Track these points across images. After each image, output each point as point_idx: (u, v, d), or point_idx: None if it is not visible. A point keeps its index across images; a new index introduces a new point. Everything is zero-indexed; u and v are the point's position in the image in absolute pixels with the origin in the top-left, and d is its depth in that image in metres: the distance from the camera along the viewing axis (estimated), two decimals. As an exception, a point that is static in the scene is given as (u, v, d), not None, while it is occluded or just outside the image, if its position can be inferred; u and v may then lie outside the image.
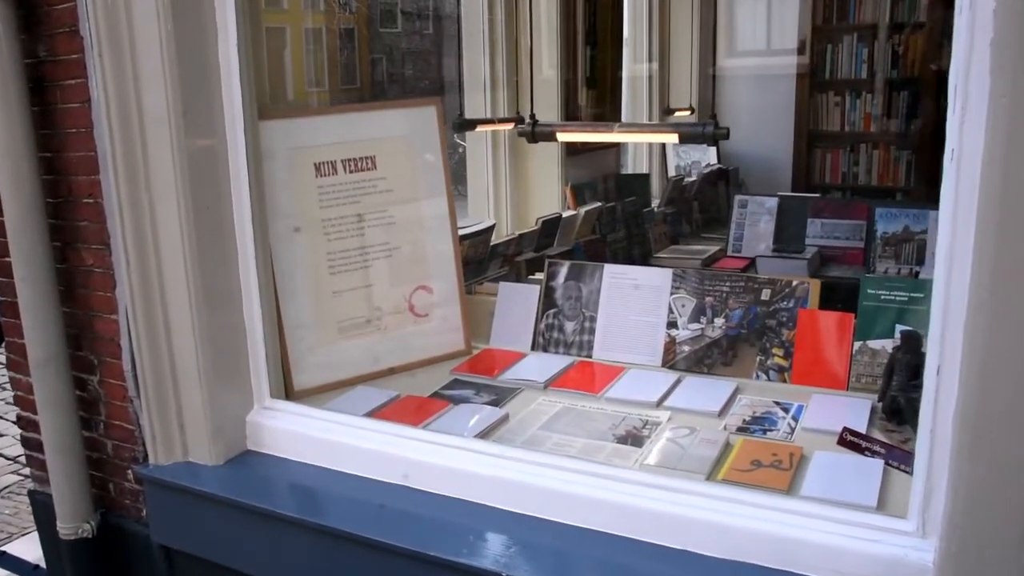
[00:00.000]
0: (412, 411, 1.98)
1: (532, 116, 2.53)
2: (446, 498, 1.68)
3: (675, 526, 1.50)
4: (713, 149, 6.44)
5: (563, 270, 2.35)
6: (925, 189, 5.82)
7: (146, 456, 1.94)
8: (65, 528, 2.06)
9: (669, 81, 5.73)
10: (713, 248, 4.32)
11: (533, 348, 2.33)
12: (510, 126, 3.35)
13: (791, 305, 2.10)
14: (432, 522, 1.63)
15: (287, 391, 2.04)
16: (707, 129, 2.11)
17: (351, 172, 2.15)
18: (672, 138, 2.24)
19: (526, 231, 3.27)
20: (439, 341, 2.30)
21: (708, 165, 6.09)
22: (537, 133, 2.38)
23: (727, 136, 2.15)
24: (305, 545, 1.71)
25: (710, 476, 1.62)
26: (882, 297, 2.02)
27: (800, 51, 6.02)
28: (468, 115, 3.33)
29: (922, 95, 5.65)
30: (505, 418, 1.92)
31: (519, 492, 1.63)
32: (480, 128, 3.33)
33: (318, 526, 1.68)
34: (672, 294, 2.21)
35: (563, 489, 1.60)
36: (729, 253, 4.26)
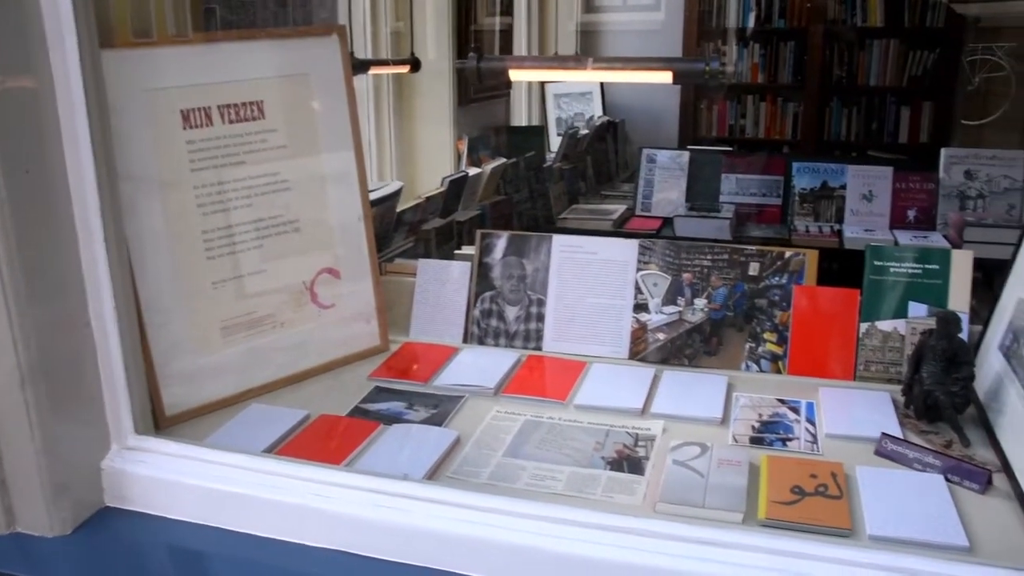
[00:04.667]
0: (330, 439, 1.51)
1: (476, 49, 2.05)
2: (398, 566, 1.24)
3: (724, 594, 1.12)
4: (597, 100, 6.13)
5: (500, 243, 1.91)
6: (813, 143, 5.73)
7: (-49, 528, 1.37)
8: None
9: (557, 29, 5.34)
10: (620, 207, 3.98)
11: (466, 340, 1.90)
12: (405, 68, 2.85)
13: (784, 281, 1.76)
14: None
15: (156, 419, 1.52)
16: (712, 65, 1.69)
17: (231, 122, 1.61)
18: (665, 76, 1.83)
19: (431, 193, 2.79)
20: (349, 337, 1.83)
21: (593, 117, 5.76)
22: (483, 70, 1.90)
23: (734, 79, 1.75)
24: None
25: (747, 515, 1.26)
26: (891, 270, 1.72)
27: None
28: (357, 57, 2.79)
29: (809, 46, 5.51)
30: (457, 442, 1.48)
31: (498, 556, 1.20)
32: (373, 70, 2.81)
33: (215, 613, 1.20)
34: (640, 270, 1.82)
35: (560, 550, 1.18)
36: (638, 212, 3.95)
